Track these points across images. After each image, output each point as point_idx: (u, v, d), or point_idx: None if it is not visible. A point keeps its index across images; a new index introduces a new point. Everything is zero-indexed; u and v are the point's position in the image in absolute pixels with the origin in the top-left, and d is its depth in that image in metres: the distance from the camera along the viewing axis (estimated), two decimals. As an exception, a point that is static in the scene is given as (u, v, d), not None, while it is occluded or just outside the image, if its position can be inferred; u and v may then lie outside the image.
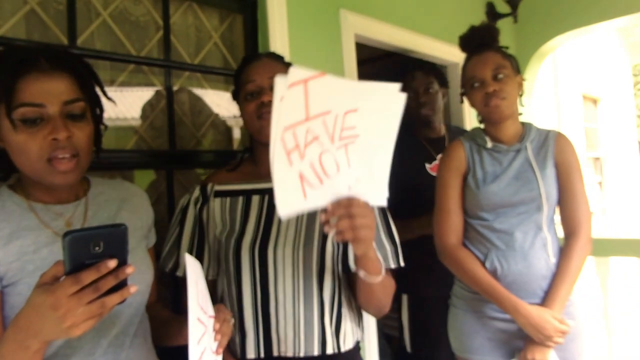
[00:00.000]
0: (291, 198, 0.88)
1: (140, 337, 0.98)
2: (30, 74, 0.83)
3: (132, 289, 0.69)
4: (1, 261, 0.83)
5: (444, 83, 2.17)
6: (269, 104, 1.12)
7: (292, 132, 0.85)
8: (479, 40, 1.56)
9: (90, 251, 0.65)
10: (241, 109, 1.25)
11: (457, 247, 1.53)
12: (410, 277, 1.63)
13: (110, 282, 0.66)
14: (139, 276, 0.97)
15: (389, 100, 0.92)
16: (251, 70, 1.22)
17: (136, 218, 1.04)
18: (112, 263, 0.66)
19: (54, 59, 0.86)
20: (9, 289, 0.84)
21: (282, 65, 1.23)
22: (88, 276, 0.64)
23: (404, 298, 2.04)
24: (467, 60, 1.58)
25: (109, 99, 0.97)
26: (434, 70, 2.16)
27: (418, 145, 2.11)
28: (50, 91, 0.84)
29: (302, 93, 0.84)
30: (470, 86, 1.54)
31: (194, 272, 0.83)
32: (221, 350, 0.90)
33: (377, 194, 0.96)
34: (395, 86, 0.90)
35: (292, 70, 0.82)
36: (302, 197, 0.89)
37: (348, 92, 0.88)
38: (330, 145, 0.89)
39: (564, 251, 1.48)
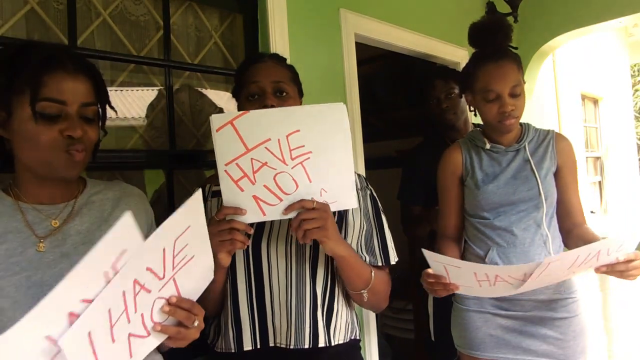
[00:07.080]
0: (248, 215, 1.03)
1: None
2: (57, 72, 0.88)
3: None
4: None
5: None
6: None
7: (235, 165, 1.00)
8: (492, 38, 1.48)
9: None
10: (241, 109, 1.25)
11: (443, 239, 1.58)
12: None
13: None
14: None
15: (330, 118, 1.02)
16: (255, 71, 1.23)
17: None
18: None
19: (77, 61, 0.92)
20: None
21: (285, 69, 1.25)
22: None
23: None
24: (482, 64, 1.47)
25: (112, 108, 1.02)
26: (454, 76, 2.20)
27: (446, 147, 2.19)
28: (72, 91, 0.90)
29: (232, 132, 0.98)
30: (482, 97, 1.47)
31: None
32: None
33: (347, 198, 1.07)
34: (332, 106, 1.01)
35: (213, 118, 0.97)
36: (261, 213, 1.03)
37: (283, 118, 1.01)
38: (284, 166, 1.02)
39: (578, 232, 1.47)
